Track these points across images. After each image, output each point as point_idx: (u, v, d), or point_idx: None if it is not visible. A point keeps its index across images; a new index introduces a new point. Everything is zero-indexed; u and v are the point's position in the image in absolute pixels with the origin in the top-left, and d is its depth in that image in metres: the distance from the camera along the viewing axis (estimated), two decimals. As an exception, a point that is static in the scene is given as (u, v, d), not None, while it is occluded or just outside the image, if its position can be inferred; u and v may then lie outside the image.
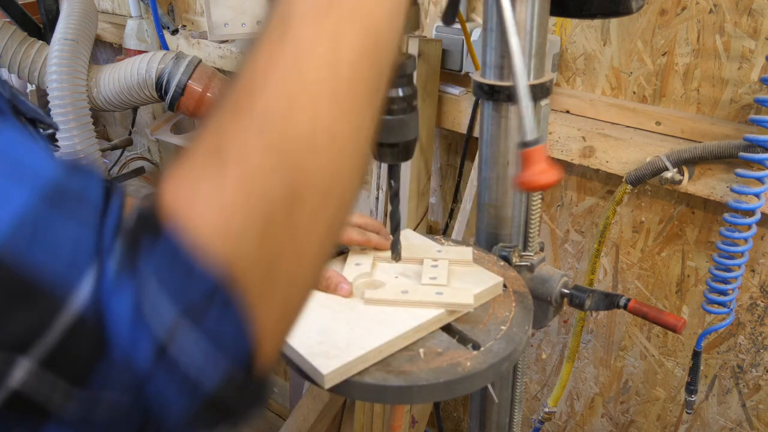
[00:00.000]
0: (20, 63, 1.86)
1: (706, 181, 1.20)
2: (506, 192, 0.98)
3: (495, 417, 1.12)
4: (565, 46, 1.36)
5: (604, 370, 1.63)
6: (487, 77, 0.92)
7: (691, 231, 1.34)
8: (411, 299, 0.81)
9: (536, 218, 1.02)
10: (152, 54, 1.80)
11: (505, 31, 0.72)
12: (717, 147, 1.13)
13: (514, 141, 0.95)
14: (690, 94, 1.24)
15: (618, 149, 1.27)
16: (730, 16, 1.15)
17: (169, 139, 2.07)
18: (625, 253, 1.46)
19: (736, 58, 1.17)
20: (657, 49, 1.25)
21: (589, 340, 1.61)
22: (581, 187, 1.47)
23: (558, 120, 1.35)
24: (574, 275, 1.57)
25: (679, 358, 1.48)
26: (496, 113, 0.94)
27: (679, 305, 1.42)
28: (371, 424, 1.82)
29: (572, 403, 1.74)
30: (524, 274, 1.00)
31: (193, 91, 1.77)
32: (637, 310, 0.96)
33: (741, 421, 1.43)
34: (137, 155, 2.60)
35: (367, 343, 0.74)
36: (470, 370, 0.73)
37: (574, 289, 0.98)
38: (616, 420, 1.67)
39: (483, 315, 0.83)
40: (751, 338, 1.34)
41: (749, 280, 1.29)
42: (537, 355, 1.75)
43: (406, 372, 0.73)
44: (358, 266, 0.90)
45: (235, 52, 1.95)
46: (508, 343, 0.78)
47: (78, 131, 1.77)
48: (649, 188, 1.36)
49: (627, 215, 1.42)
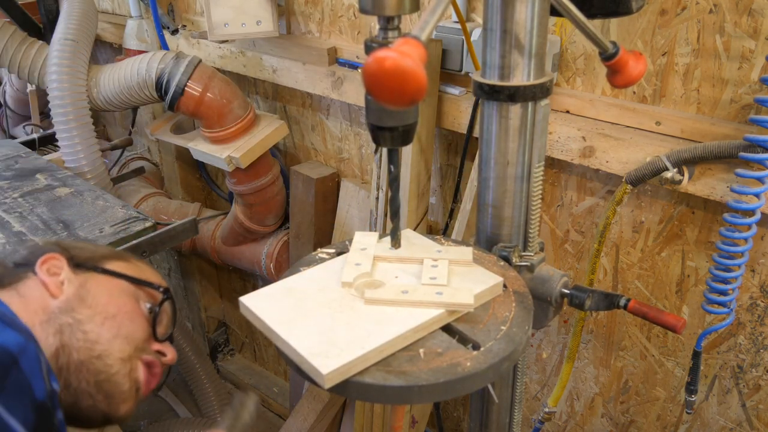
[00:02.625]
0: (20, 63, 1.86)
1: (706, 181, 1.20)
2: (506, 192, 0.98)
3: (495, 417, 1.12)
4: (565, 46, 1.36)
5: (604, 370, 1.63)
6: (487, 77, 0.92)
7: (691, 231, 1.34)
8: (411, 299, 0.81)
9: (536, 218, 1.02)
10: (152, 54, 1.80)
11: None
12: (717, 147, 1.13)
13: (515, 141, 0.95)
14: (690, 94, 1.24)
15: (618, 149, 1.27)
16: (730, 16, 1.15)
17: (169, 139, 2.07)
18: (625, 253, 1.46)
19: (736, 58, 1.17)
20: (657, 49, 1.25)
21: (589, 340, 1.61)
22: (581, 187, 1.47)
23: (558, 120, 1.35)
24: (574, 275, 1.57)
25: (679, 358, 1.48)
26: (496, 113, 0.94)
27: (679, 305, 1.42)
28: (371, 424, 1.82)
29: (572, 403, 1.74)
30: (524, 274, 1.00)
31: (193, 91, 1.77)
32: (637, 310, 0.96)
33: (741, 421, 1.43)
34: (137, 155, 2.60)
35: (367, 343, 0.74)
36: (470, 370, 0.73)
37: (574, 289, 0.98)
38: (616, 420, 1.67)
39: (483, 315, 0.83)
40: (751, 338, 1.34)
41: (749, 280, 1.29)
42: (537, 355, 1.75)
43: (406, 372, 0.73)
44: (358, 266, 0.90)
45: (235, 51, 1.95)
46: (508, 343, 0.78)
47: (78, 131, 1.77)
48: (649, 188, 1.36)
49: (627, 215, 1.42)
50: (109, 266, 1.00)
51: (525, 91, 0.90)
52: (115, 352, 0.91)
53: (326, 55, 1.72)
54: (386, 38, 0.78)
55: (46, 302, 0.91)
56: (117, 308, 0.94)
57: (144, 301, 1.00)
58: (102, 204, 1.48)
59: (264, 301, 0.84)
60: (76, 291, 0.93)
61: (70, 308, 0.91)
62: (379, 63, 0.60)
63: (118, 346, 0.92)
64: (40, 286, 0.92)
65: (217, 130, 1.84)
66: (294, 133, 2.09)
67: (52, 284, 0.92)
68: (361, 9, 0.78)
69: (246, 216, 2.06)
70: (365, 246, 0.95)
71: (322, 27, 1.80)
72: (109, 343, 0.91)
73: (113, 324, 0.92)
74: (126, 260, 1.04)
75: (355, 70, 1.69)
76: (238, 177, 1.93)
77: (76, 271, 0.96)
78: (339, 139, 1.96)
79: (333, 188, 1.98)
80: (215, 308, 2.81)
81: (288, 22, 1.88)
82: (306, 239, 2.02)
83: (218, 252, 2.26)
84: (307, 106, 2.00)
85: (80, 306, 0.91)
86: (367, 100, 0.80)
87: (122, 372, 0.91)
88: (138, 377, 0.95)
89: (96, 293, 0.94)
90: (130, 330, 0.94)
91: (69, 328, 0.89)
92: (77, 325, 0.89)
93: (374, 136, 0.82)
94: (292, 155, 2.15)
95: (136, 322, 0.96)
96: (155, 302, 1.01)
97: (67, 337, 0.88)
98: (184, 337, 2.36)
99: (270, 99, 2.11)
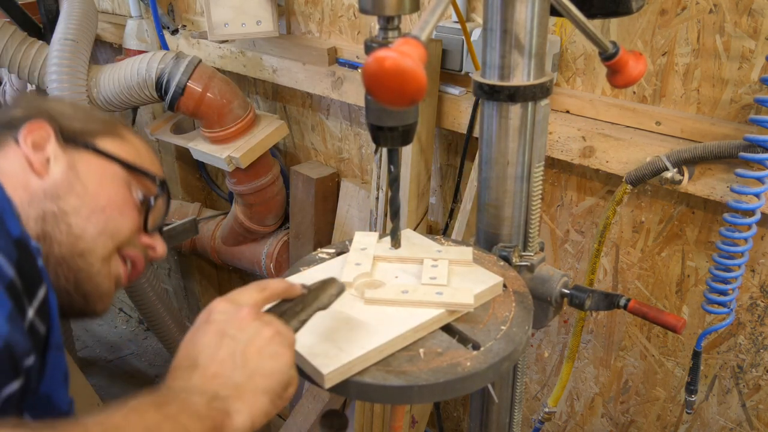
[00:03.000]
0: (20, 63, 1.86)
1: (706, 181, 1.20)
2: (506, 192, 0.98)
3: (495, 417, 1.12)
4: (565, 46, 1.36)
5: (604, 370, 1.63)
6: (487, 77, 0.92)
7: (691, 231, 1.34)
8: (411, 299, 0.81)
9: (536, 218, 1.02)
10: (152, 54, 1.80)
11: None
12: (717, 147, 1.13)
13: (515, 141, 0.95)
14: (690, 94, 1.24)
15: (618, 149, 1.27)
16: (730, 16, 1.15)
17: (169, 139, 2.07)
18: (625, 253, 1.46)
19: (736, 58, 1.17)
20: (657, 49, 1.25)
21: (589, 340, 1.61)
22: (581, 187, 1.47)
23: (558, 120, 1.35)
24: (574, 275, 1.57)
25: (679, 358, 1.48)
26: (496, 113, 0.94)
27: (679, 305, 1.42)
28: (371, 424, 1.82)
29: (572, 403, 1.74)
30: (524, 274, 1.00)
31: (193, 91, 1.77)
32: (637, 310, 0.96)
33: (741, 421, 1.43)
34: (137, 155, 2.59)
35: (367, 343, 0.74)
36: (470, 370, 0.73)
37: (574, 289, 0.98)
38: (616, 420, 1.67)
39: (483, 315, 0.83)
40: (751, 338, 1.34)
41: (749, 280, 1.29)
42: (537, 355, 1.75)
43: (406, 372, 0.73)
44: (358, 266, 0.90)
45: (235, 51, 1.95)
46: (508, 343, 0.78)
47: (78, 131, 1.77)
48: (649, 188, 1.36)
49: (627, 215, 1.42)
50: (103, 145, 0.88)
51: (525, 91, 0.90)
52: (99, 249, 0.83)
53: (326, 55, 1.72)
54: (386, 38, 0.78)
55: (29, 180, 0.81)
56: (107, 199, 0.85)
57: (137, 188, 0.90)
58: (102, 204, 1.47)
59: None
60: (63, 173, 0.82)
61: (56, 195, 0.81)
62: (379, 63, 0.60)
63: (103, 243, 0.83)
64: (23, 159, 0.81)
65: (217, 130, 1.84)
66: (294, 133, 2.09)
67: (37, 161, 0.81)
68: (361, 9, 0.78)
69: (246, 216, 2.06)
70: (365, 246, 0.95)
71: (322, 27, 1.80)
72: (93, 241, 0.82)
73: (100, 218, 0.83)
74: (121, 137, 0.92)
75: (355, 70, 1.69)
76: (238, 177, 1.93)
77: (65, 147, 0.85)
78: (339, 139, 1.96)
79: (333, 188, 1.98)
80: (215, 308, 2.81)
81: (288, 22, 1.88)
82: (306, 239, 2.02)
83: (218, 252, 2.26)
84: (307, 106, 2.00)
85: (67, 194, 0.82)
86: (367, 100, 0.80)
87: (103, 272, 0.84)
88: (119, 274, 0.88)
89: (86, 179, 0.84)
90: (118, 225, 0.85)
91: (53, 218, 0.80)
92: (62, 217, 0.81)
93: (374, 136, 0.82)
94: (292, 155, 2.15)
95: (126, 215, 0.87)
96: (149, 193, 0.91)
97: (50, 227, 0.80)
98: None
99: (270, 99, 2.11)
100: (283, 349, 0.66)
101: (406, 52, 0.60)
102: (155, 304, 2.17)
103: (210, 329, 0.66)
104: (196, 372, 0.63)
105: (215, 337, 0.65)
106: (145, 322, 2.29)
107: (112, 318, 3.16)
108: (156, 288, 2.16)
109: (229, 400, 0.61)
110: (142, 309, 2.18)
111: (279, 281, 0.75)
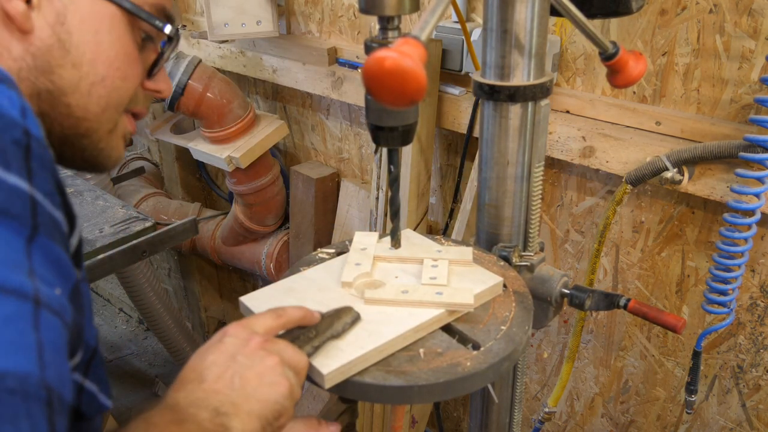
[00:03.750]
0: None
1: (706, 181, 1.20)
2: (506, 192, 0.98)
3: (495, 417, 1.12)
4: (565, 46, 1.36)
5: (604, 370, 1.63)
6: (487, 77, 0.92)
7: (691, 231, 1.34)
8: (411, 299, 0.81)
9: (536, 218, 1.02)
10: (152, 54, 1.80)
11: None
12: (717, 147, 1.13)
13: (515, 141, 0.95)
14: (690, 94, 1.24)
15: (618, 149, 1.27)
16: (730, 16, 1.15)
17: (169, 139, 2.08)
18: (625, 253, 1.46)
19: (736, 58, 1.17)
20: (657, 49, 1.25)
21: (589, 340, 1.61)
22: (581, 187, 1.47)
23: (558, 120, 1.35)
24: (574, 275, 1.57)
25: (679, 358, 1.48)
26: (496, 113, 0.94)
27: (679, 305, 1.42)
28: (371, 424, 1.82)
29: (572, 403, 1.74)
30: (524, 274, 1.00)
31: (193, 90, 1.77)
32: (637, 310, 0.96)
33: (741, 421, 1.43)
34: (137, 155, 2.60)
35: (367, 343, 0.74)
36: (470, 370, 0.73)
37: (574, 289, 0.98)
38: (616, 420, 1.67)
39: (483, 315, 0.83)
40: (751, 338, 1.34)
41: (749, 280, 1.29)
42: (537, 355, 1.75)
43: (406, 372, 0.73)
44: (358, 266, 0.90)
45: (235, 51, 1.95)
46: (508, 343, 0.78)
47: (78, 131, 1.77)
48: (649, 188, 1.36)
49: (627, 215, 1.42)
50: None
51: (525, 91, 0.90)
52: (104, 125, 0.73)
53: (326, 55, 1.72)
54: (386, 38, 0.78)
55: (11, 43, 0.64)
56: (107, 66, 0.70)
57: (140, 31, 0.74)
58: (102, 204, 1.48)
59: (264, 301, 0.84)
60: (52, 32, 0.66)
61: (48, 67, 0.67)
62: (379, 63, 0.60)
63: (107, 118, 0.73)
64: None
65: (217, 130, 1.84)
66: (294, 133, 2.09)
67: (19, 14, 0.63)
68: (361, 9, 0.78)
69: (246, 216, 2.06)
70: (365, 246, 0.95)
71: (322, 27, 1.80)
72: (97, 120, 0.72)
73: (102, 91, 0.71)
74: None
75: (355, 70, 1.69)
76: (238, 177, 1.93)
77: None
78: (339, 139, 1.96)
79: (333, 188, 1.98)
80: (215, 308, 2.81)
81: (288, 22, 1.88)
82: (306, 239, 2.02)
83: (218, 252, 2.26)
84: (307, 106, 2.00)
85: (60, 65, 0.67)
86: (367, 100, 0.80)
87: (111, 144, 0.76)
88: (127, 131, 0.78)
89: (79, 37, 0.68)
90: (122, 93, 0.73)
91: (48, 96, 0.68)
92: (60, 97, 0.69)
93: (374, 136, 0.82)
94: (292, 155, 2.15)
95: (130, 77, 0.73)
96: (157, 36, 0.76)
97: (47, 105, 0.68)
98: (184, 337, 2.36)
99: (270, 99, 2.11)
100: (283, 379, 0.68)
101: (406, 52, 0.60)
102: (155, 304, 2.17)
103: (220, 349, 0.69)
104: (201, 386, 0.65)
105: (223, 357, 0.68)
106: (145, 322, 2.29)
107: (112, 318, 3.16)
108: (156, 288, 2.16)
109: (228, 417, 0.63)
110: (142, 309, 2.18)
111: (296, 308, 0.77)
